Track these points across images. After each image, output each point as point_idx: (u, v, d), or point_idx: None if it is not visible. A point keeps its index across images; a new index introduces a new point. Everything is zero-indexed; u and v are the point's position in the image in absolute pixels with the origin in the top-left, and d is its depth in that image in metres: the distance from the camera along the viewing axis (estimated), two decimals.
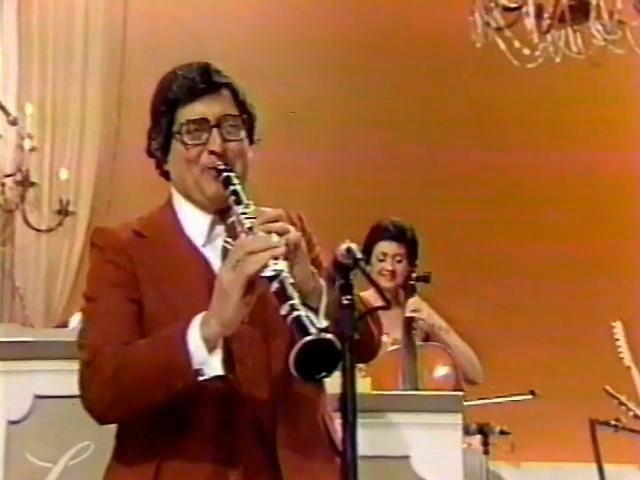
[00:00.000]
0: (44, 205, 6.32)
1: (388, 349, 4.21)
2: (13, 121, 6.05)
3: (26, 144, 6.08)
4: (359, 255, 2.09)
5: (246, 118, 2.30)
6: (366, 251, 4.33)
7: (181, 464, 2.14)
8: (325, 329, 2.00)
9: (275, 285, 2.00)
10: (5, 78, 6.33)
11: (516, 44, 5.30)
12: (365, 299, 2.21)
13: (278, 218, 2.13)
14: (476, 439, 4.20)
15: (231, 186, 2.19)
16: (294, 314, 1.97)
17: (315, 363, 1.95)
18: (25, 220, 6.22)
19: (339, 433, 2.10)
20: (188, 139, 2.24)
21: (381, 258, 4.44)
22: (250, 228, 2.10)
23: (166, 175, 2.33)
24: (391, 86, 6.55)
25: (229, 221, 2.21)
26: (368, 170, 6.52)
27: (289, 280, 2.01)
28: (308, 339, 1.93)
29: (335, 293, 2.07)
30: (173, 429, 2.15)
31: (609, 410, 4.40)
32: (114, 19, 6.54)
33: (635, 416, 4.36)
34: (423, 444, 3.38)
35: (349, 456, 1.99)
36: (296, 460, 2.17)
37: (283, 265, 2.02)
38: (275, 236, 2.07)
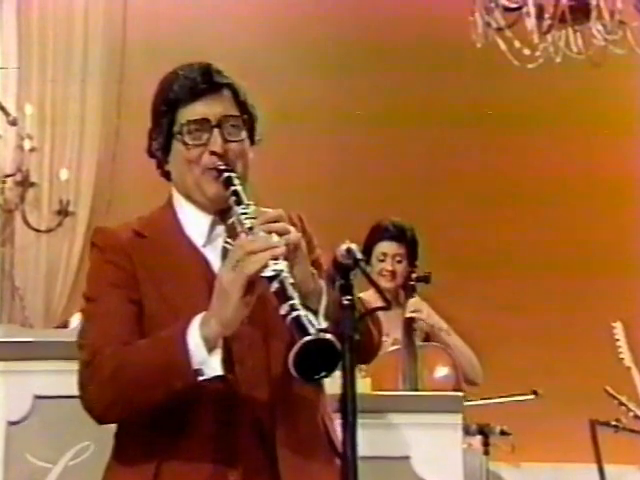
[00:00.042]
0: (44, 205, 6.31)
1: (388, 349, 4.21)
2: (13, 121, 6.04)
3: (26, 144, 6.07)
4: (359, 255, 2.09)
5: (247, 118, 2.29)
6: (366, 251, 4.33)
7: (180, 464, 2.13)
8: (325, 330, 2.00)
9: (275, 285, 2.00)
10: (5, 78, 6.32)
11: (516, 44, 5.30)
12: (365, 300, 2.21)
13: (278, 219, 2.13)
14: (476, 439, 4.20)
15: (232, 186, 2.19)
16: (294, 314, 1.97)
17: (314, 363, 1.95)
18: (25, 220, 6.22)
19: (339, 434, 2.10)
20: (189, 139, 2.23)
21: (381, 258, 4.44)
22: (250, 228, 2.09)
23: (167, 175, 2.33)
24: (391, 86, 6.55)
25: (229, 221, 2.21)
26: (368, 170, 6.52)
27: (289, 280, 2.01)
28: (307, 339, 1.93)
29: (335, 294, 2.07)
30: (173, 429, 2.14)
31: (609, 411, 4.40)
32: (114, 19, 6.53)
33: (635, 416, 4.36)
34: (423, 444, 3.38)
35: (349, 456, 1.99)
36: (295, 461, 2.17)
37: (283, 265, 2.02)
38: (275, 236, 2.07)
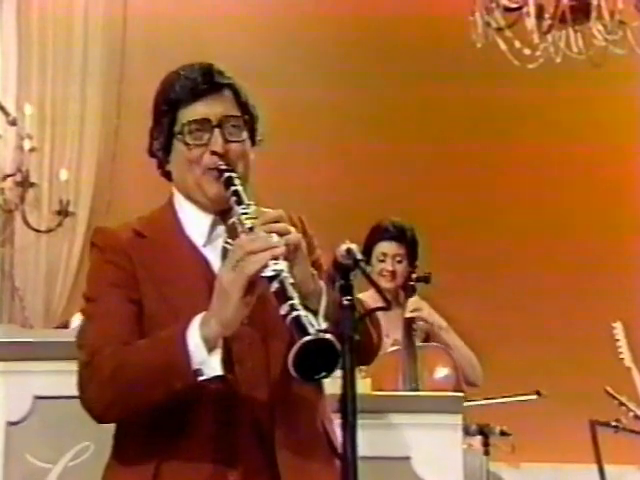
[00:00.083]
0: (44, 206, 6.31)
1: (388, 350, 4.21)
2: (12, 121, 6.04)
3: (26, 145, 6.07)
4: (359, 256, 2.09)
5: (248, 119, 2.29)
6: (366, 252, 4.32)
7: (180, 464, 2.13)
8: (325, 330, 1.99)
9: (275, 285, 2.00)
10: (4, 78, 6.32)
11: (517, 44, 5.30)
12: (364, 302, 2.20)
13: (279, 219, 2.12)
14: (476, 440, 4.19)
15: (232, 187, 2.18)
16: (294, 314, 1.96)
17: (314, 363, 1.95)
18: (25, 221, 6.21)
19: (338, 435, 2.09)
20: (190, 139, 2.23)
21: (381, 258, 4.43)
22: (251, 228, 2.09)
23: (167, 175, 2.33)
24: (391, 86, 6.55)
25: (230, 222, 2.20)
26: (368, 170, 6.52)
27: (289, 280, 2.00)
28: (307, 339, 1.93)
29: (335, 294, 2.07)
30: (172, 429, 2.14)
31: (609, 411, 4.39)
32: (114, 19, 6.53)
33: (635, 417, 4.36)
34: (423, 445, 3.37)
35: (349, 457, 1.99)
36: (295, 461, 2.16)
37: (283, 265, 2.02)
38: (275, 236, 2.07)
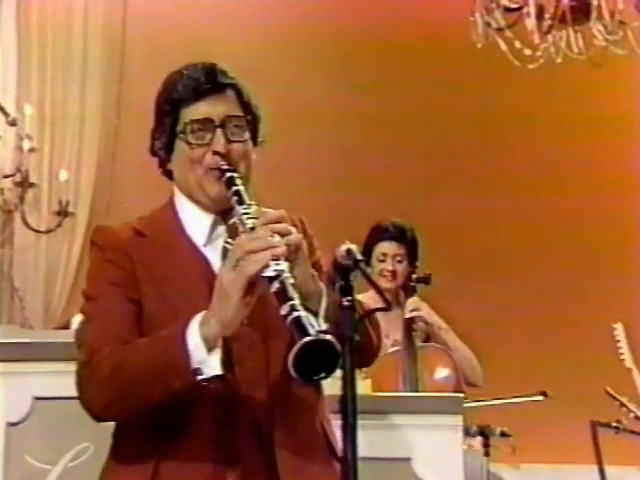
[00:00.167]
0: (43, 206, 6.30)
1: (388, 351, 4.20)
2: (12, 122, 6.03)
3: (25, 145, 6.06)
4: (359, 256, 2.09)
5: (250, 119, 2.29)
6: (366, 252, 4.32)
7: (179, 464, 2.13)
8: (325, 331, 1.99)
9: (276, 285, 1.99)
10: (4, 79, 6.31)
11: (517, 45, 5.30)
12: (363, 303, 2.20)
13: (280, 219, 2.12)
14: (477, 441, 4.18)
15: (234, 187, 2.18)
16: (294, 314, 1.96)
17: (314, 364, 1.94)
18: (24, 221, 6.21)
19: (337, 436, 2.09)
20: (192, 139, 2.23)
21: (381, 259, 4.43)
22: (252, 228, 2.09)
23: (169, 175, 2.33)
24: (391, 86, 6.54)
25: (231, 222, 2.20)
26: (368, 170, 6.51)
27: (290, 280, 2.00)
28: (307, 339, 1.93)
29: (335, 295, 2.06)
30: (172, 429, 2.14)
31: (610, 412, 4.39)
32: (114, 19, 6.53)
33: (636, 418, 4.35)
34: (424, 446, 3.37)
35: (349, 458, 1.98)
36: (294, 462, 2.16)
37: (284, 265, 2.01)
38: (276, 236, 2.06)
